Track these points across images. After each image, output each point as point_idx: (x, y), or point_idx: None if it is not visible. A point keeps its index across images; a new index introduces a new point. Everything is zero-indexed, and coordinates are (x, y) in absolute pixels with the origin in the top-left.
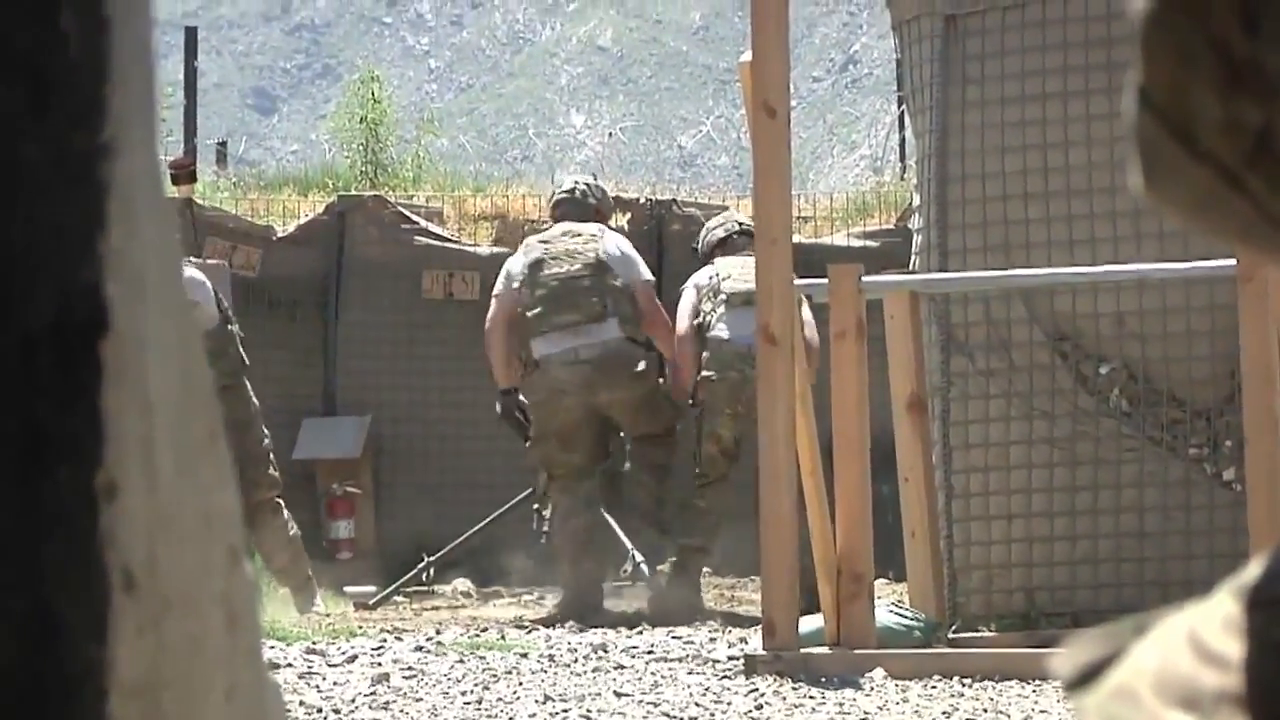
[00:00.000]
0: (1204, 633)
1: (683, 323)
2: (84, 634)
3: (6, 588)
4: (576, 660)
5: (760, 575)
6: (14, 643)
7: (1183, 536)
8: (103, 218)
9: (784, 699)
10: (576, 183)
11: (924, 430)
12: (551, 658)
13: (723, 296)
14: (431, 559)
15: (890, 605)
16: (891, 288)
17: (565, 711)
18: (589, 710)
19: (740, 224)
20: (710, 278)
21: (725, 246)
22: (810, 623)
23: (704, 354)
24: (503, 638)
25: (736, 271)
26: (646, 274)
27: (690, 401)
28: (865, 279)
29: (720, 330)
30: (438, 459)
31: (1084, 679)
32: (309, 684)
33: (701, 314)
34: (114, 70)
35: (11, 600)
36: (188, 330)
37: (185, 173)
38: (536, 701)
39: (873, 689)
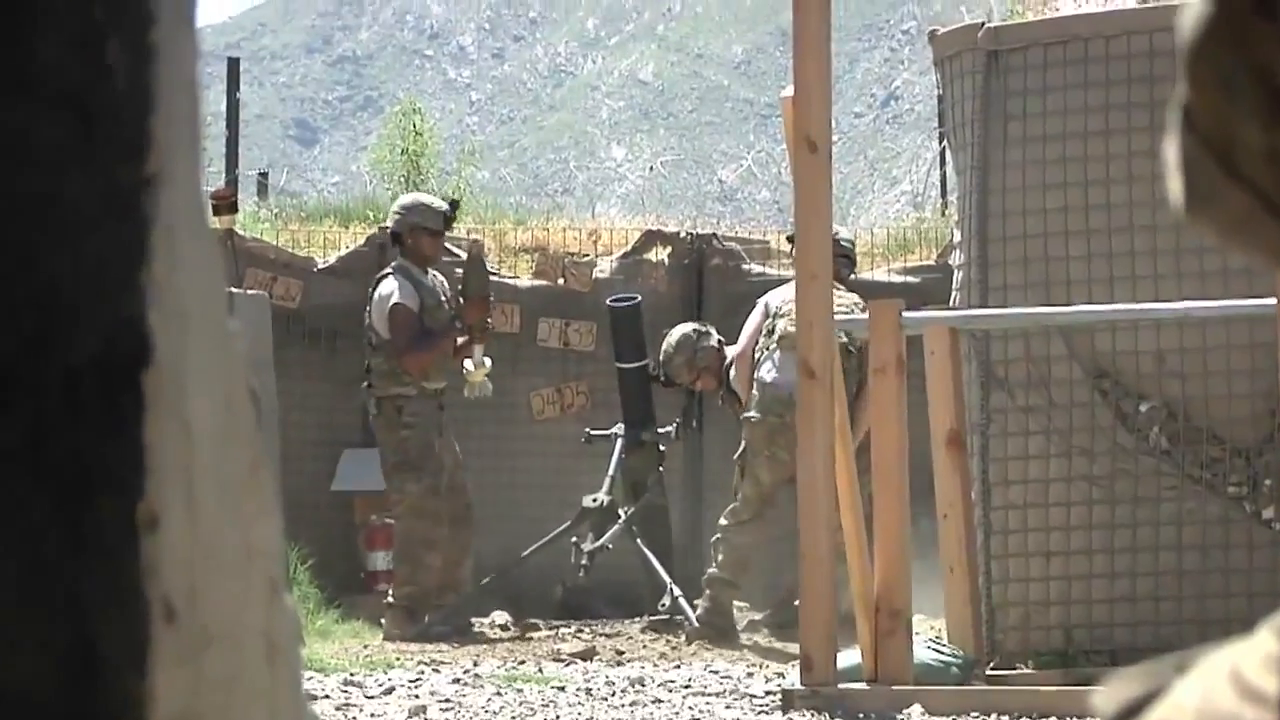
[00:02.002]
0: (1245, 670)
1: (742, 341)
2: (125, 665)
3: (49, 619)
4: (614, 694)
5: (799, 611)
6: (56, 674)
7: (1221, 575)
8: (146, 250)
9: None
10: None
11: (963, 466)
12: (589, 691)
13: (776, 336)
14: (470, 591)
15: (928, 641)
16: (932, 324)
17: None
18: None
19: (840, 241)
20: (776, 306)
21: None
22: (848, 658)
23: (752, 391)
24: (540, 671)
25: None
26: None
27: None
28: (906, 315)
29: (766, 371)
30: (476, 491)
31: (1125, 716)
32: (346, 716)
33: (756, 347)
34: (159, 102)
35: (53, 631)
36: (230, 362)
37: (226, 204)
38: None
39: None
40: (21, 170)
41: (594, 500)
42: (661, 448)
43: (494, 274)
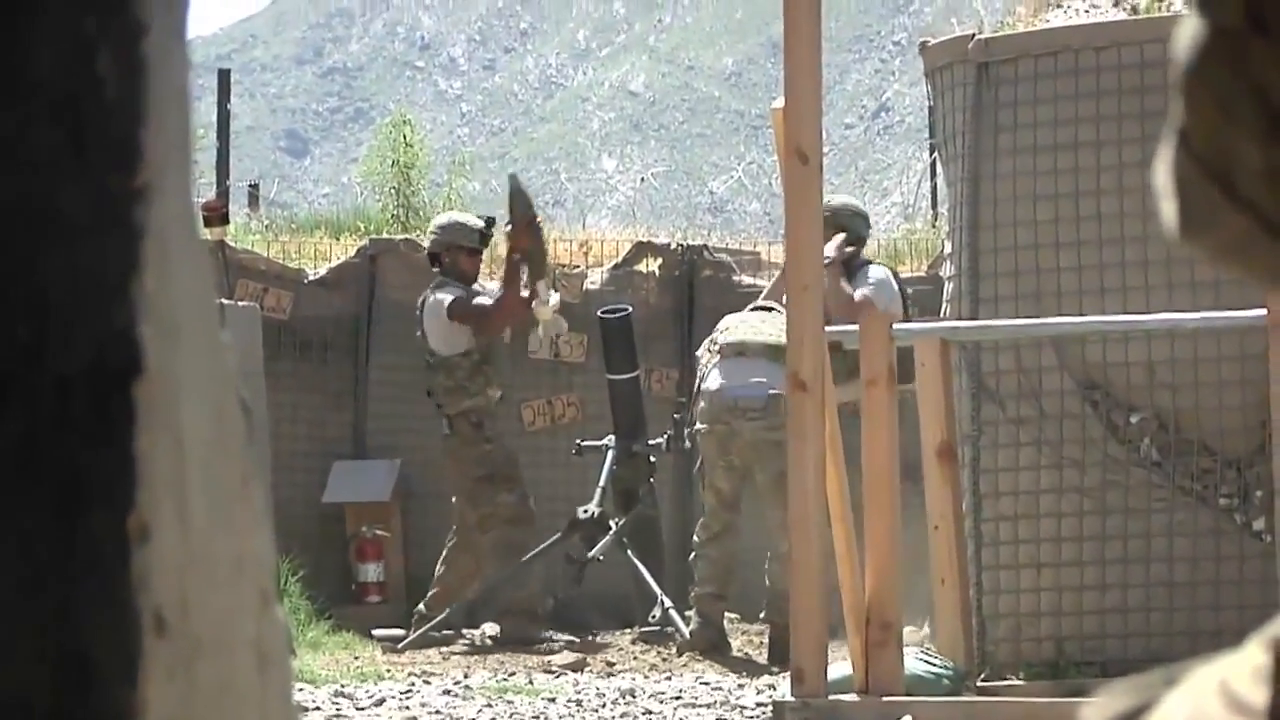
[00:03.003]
0: (1234, 683)
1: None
2: (116, 676)
3: (40, 630)
4: (604, 705)
5: (789, 622)
6: (48, 684)
7: (1212, 586)
8: (138, 261)
9: None
10: None
11: (954, 478)
12: (579, 703)
13: (718, 346)
14: (460, 603)
15: (919, 653)
16: (922, 335)
17: None
18: None
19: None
20: (723, 325)
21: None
22: (839, 670)
23: (699, 405)
24: (531, 682)
25: (735, 323)
26: None
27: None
28: (897, 326)
29: (711, 381)
30: None
31: None
32: None
33: (698, 366)
34: (150, 113)
35: (45, 642)
36: (221, 373)
37: (217, 215)
38: None
39: None
40: (12, 181)
41: (585, 512)
42: (652, 459)
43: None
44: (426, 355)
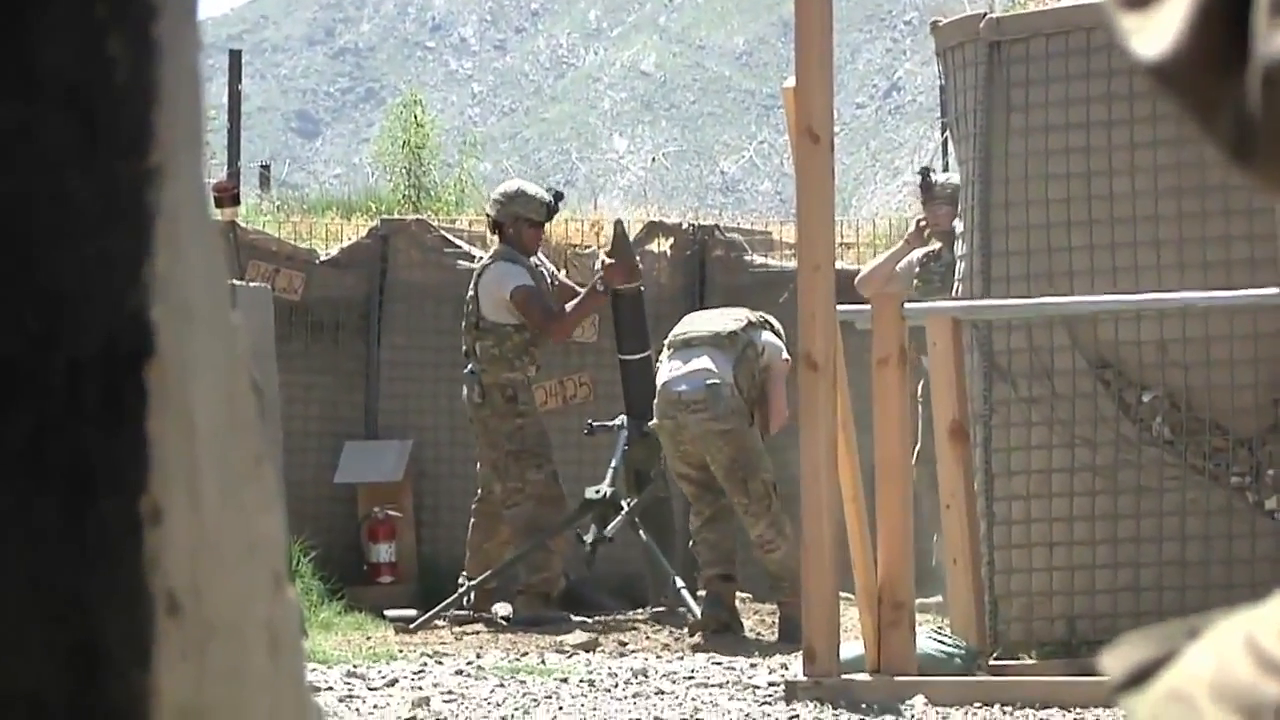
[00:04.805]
0: (1261, 640)
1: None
2: (129, 660)
3: (53, 613)
4: (617, 685)
5: (801, 601)
6: (60, 667)
7: (1224, 565)
8: (149, 244)
9: None
10: None
11: (966, 457)
12: (592, 683)
13: (667, 341)
14: (473, 582)
15: (931, 632)
16: (934, 314)
17: None
18: None
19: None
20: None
21: None
22: (851, 649)
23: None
24: (543, 662)
25: (692, 317)
26: None
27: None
28: (908, 305)
29: (661, 376)
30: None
31: (1134, 680)
32: (349, 708)
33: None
34: (162, 96)
35: (58, 625)
36: (233, 355)
37: (228, 196)
38: None
39: (913, 716)
40: (24, 165)
41: (597, 492)
42: None
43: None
44: (475, 317)
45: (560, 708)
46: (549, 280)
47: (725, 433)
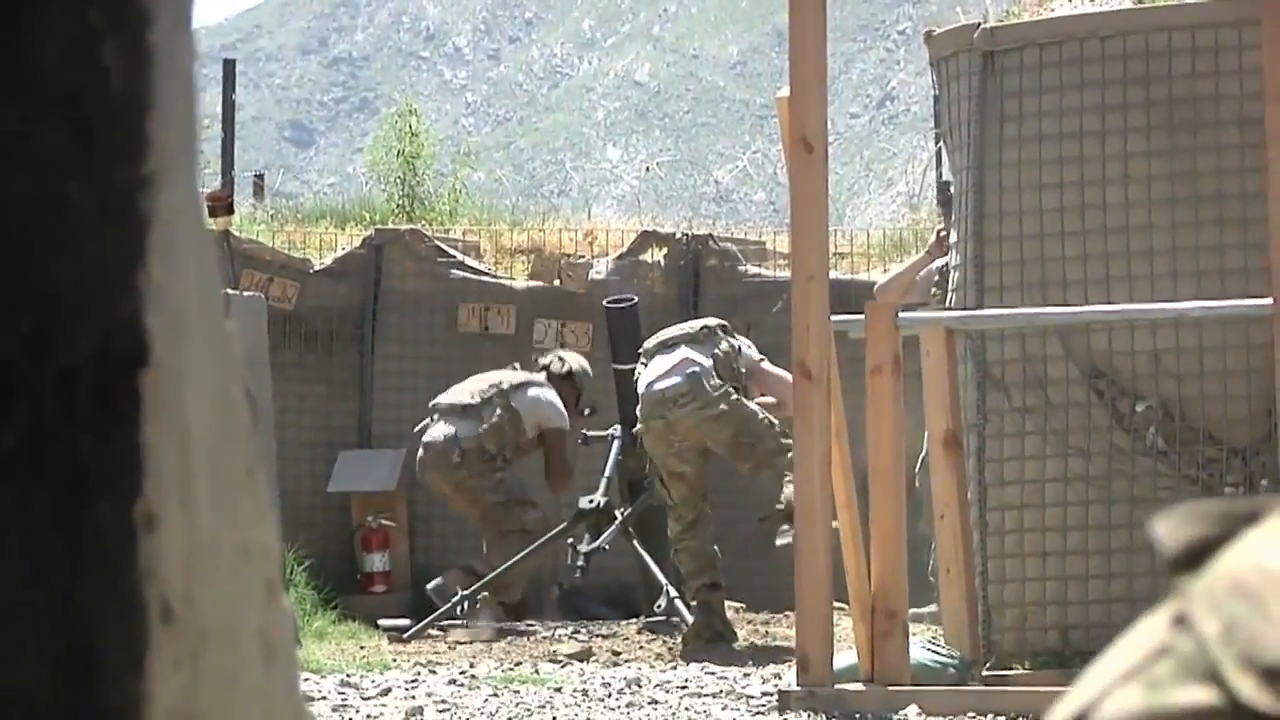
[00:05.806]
0: None
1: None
2: (123, 666)
3: (46, 620)
4: (610, 695)
5: (794, 611)
6: (53, 674)
7: None
8: (144, 251)
9: None
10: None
11: (959, 467)
12: (585, 692)
13: (640, 352)
14: (466, 592)
15: (925, 642)
16: (928, 324)
17: None
18: None
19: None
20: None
21: None
22: (845, 659)
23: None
24: (536, 672)
25: (660, 332)
26: None
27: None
28: (902, 315)
29: (641, 383)
30: None
31: (1190, 559)
32: (343, 717)
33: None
34: (156, 104)
35: (51, 631)
36: (227, 363)
37: (222, 205)
38: None
39: None
40: (19, 172)
41: (590, 502)
42: None
43: (490, 275)
44: (508, 423)
45: (554, 717)
46: None
47: (719, 416)
